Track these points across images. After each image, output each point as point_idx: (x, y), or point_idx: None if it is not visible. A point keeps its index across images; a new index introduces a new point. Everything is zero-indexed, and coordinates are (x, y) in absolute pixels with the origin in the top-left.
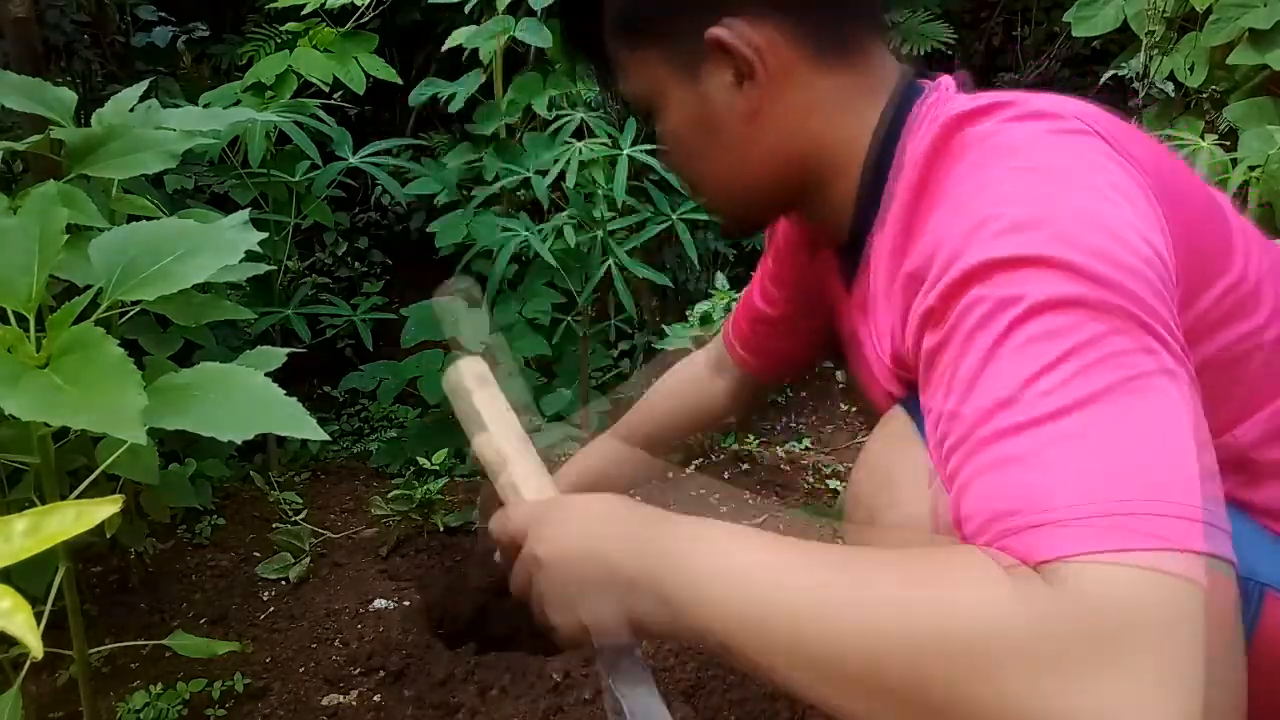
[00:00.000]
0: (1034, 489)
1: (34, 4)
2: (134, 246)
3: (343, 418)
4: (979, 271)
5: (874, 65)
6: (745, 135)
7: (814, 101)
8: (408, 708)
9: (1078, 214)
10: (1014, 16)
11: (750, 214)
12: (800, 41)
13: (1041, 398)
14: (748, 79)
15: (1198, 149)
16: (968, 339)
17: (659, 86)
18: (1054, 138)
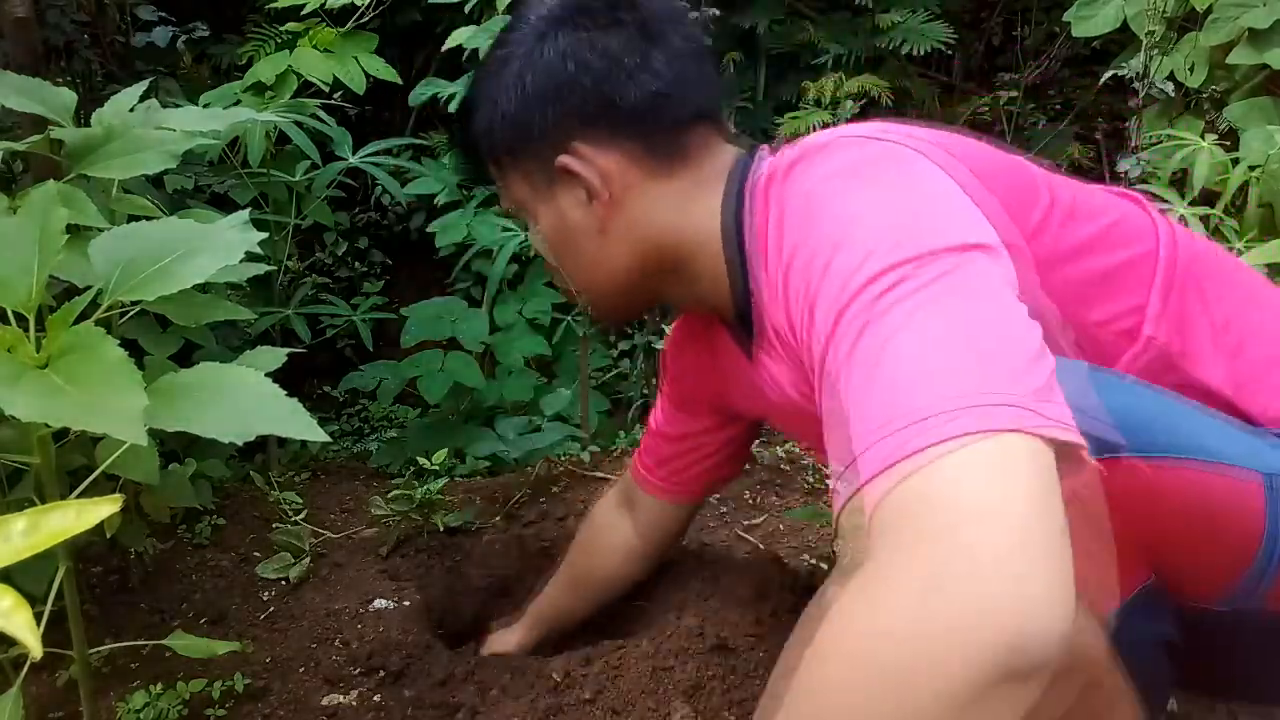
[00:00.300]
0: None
1: (34, 4)
2: (134, 246)
3: (343, 418)
4: (851, 297)
5: (712, 157)
6: (600, 244)
7: (659, 206)
8: (408, 708)
9: (906, 215)
10: (1014, 16)
11: (619, 308)
12: (642, 160)
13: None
14: (595, 198)
15: (1198, 149)
16: (848, 359)
17: (526, 203)
18: (864, 161)
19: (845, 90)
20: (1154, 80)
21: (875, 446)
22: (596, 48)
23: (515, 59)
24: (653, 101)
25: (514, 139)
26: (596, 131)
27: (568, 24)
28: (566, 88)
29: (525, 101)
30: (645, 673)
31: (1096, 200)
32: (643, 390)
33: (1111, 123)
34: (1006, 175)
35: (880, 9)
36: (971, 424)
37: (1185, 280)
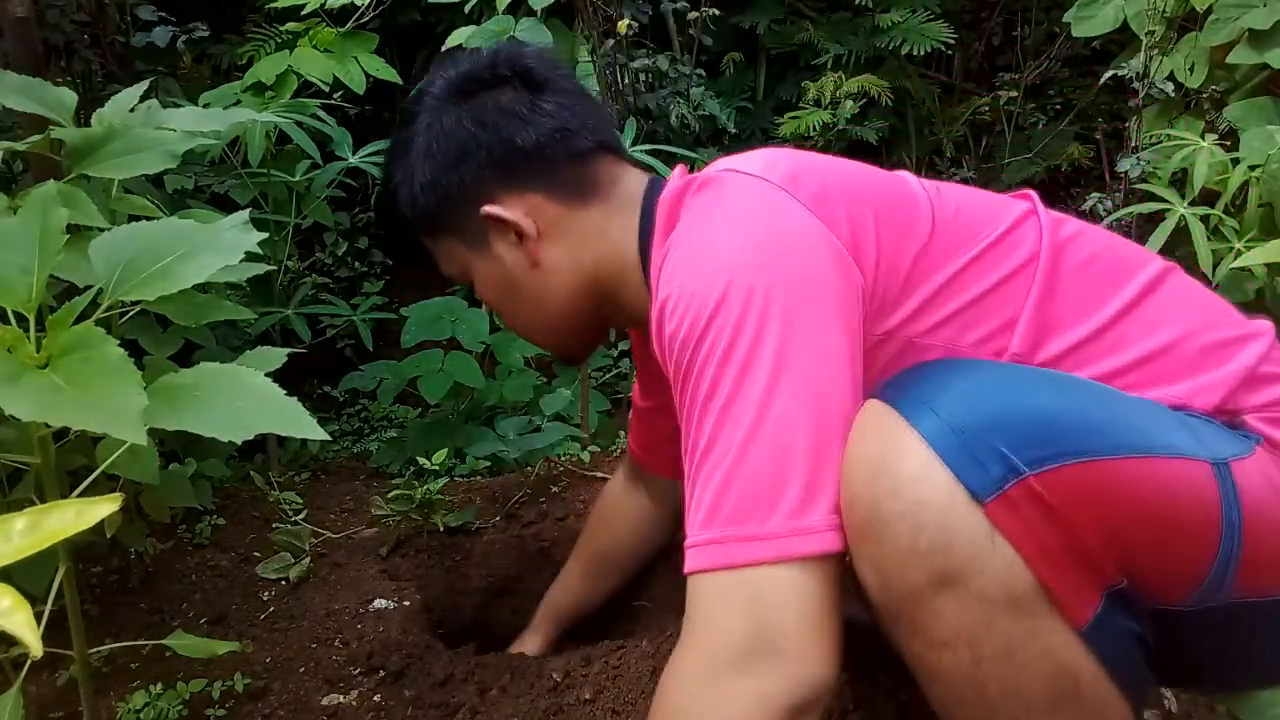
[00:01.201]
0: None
1: (34, 4)
2: (134, 246)
3: (343, 418)
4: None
5: (620, 182)
6: (539, 280)
7: (583, 235)
8: (408, 708)
9: (745, 252)
10: (1014, 16)
11: (573, 342)
12: (556, 194)
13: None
14: (525, 237)
15: (1198, 149)
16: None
17: (465, 263)
18: (727, 201)
19: (845, 90)
20: (1154, 80)
21: (696, 544)
22: (489, 106)
23: (419, 136)
24: (551, 139)
25: (438, 205)
26: (510, 178)
27: (459, 95)
28: (472, 144)
29: (438, 168)
30: (645, 673)
31: (983, 214)
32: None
33: (1111, 123)
34: (887, 205)
35: (880, 9)
36: (775, 549)
37: (1057, 284)
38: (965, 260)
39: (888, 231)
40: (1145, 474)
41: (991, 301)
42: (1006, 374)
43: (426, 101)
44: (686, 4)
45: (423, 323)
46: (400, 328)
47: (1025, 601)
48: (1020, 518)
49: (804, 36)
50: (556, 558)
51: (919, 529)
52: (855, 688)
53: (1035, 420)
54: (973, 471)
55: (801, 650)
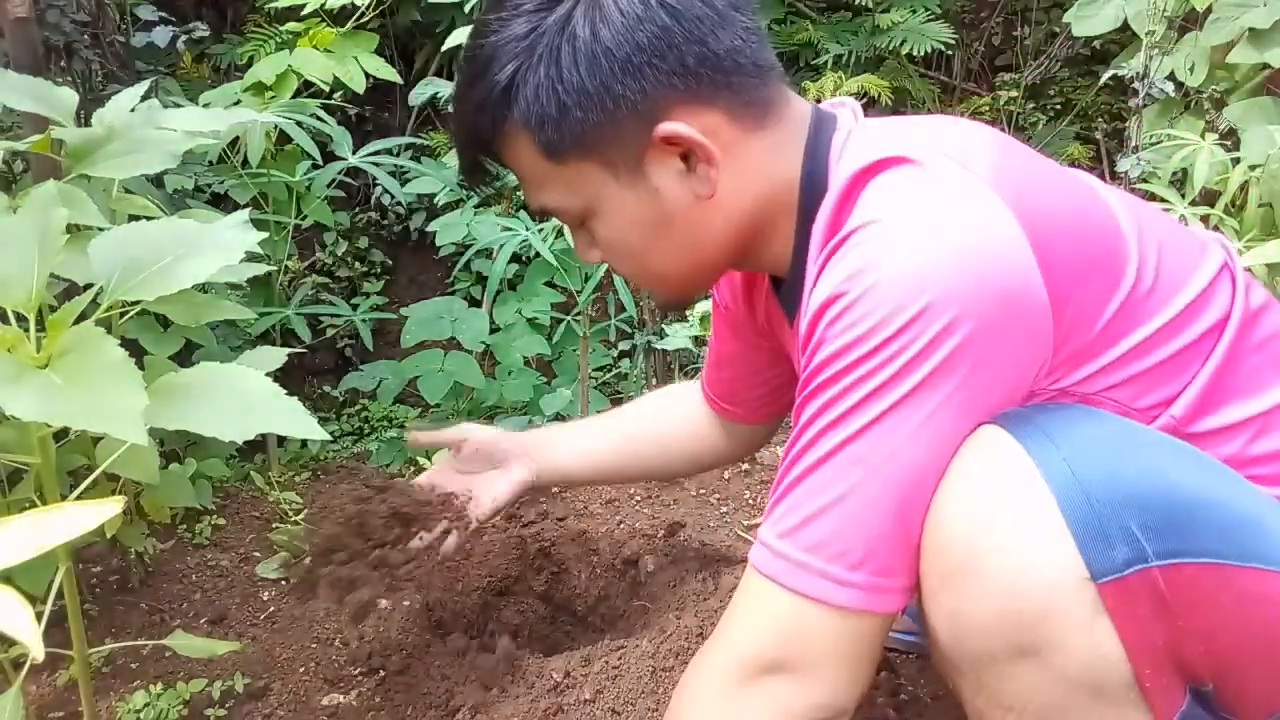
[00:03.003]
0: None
1: (34, 4)
2: (134, 246)
3: (343, 418)
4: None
5: (791, 113)
6: (701, 215)
7: (756, 164)
8: (408, 708)
9: (953, 278)
10: (1014, 16)
11: (700, 286)
12: (735, 116)
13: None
14: (701, 163)
15: (1198, 149)
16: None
17: (597, 194)
18: (939, 202)
19: (845, 90)
20: (1154, 80)
21: (772, 549)
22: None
23: (572, 24)
24: (745, 45)
25: (597, 120)
26: (697, 87)
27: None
28: (663, 43)
29: (611, 71)
30: (645, 673)
31: (1184, 264)
32: (643, 390)
33: (1111, 123)
34: (1095, 244)
35: (880, 9)
36: (837, 595)
37: (1239, 359)
38: (1166, 320)
39: (1095, 280)
40: (1265, 589)
41: (1174, 364)
42: (1146, 437)
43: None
44: None
45: (423, 323)
46: (400, 328)
47: (1111, 692)
48: (1132, 606)
49: (804, 36)
50: (556, 558)
51: (1017, 596)
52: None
53: (1175, 504)
54: (1098, 548)
55: (825, 676)
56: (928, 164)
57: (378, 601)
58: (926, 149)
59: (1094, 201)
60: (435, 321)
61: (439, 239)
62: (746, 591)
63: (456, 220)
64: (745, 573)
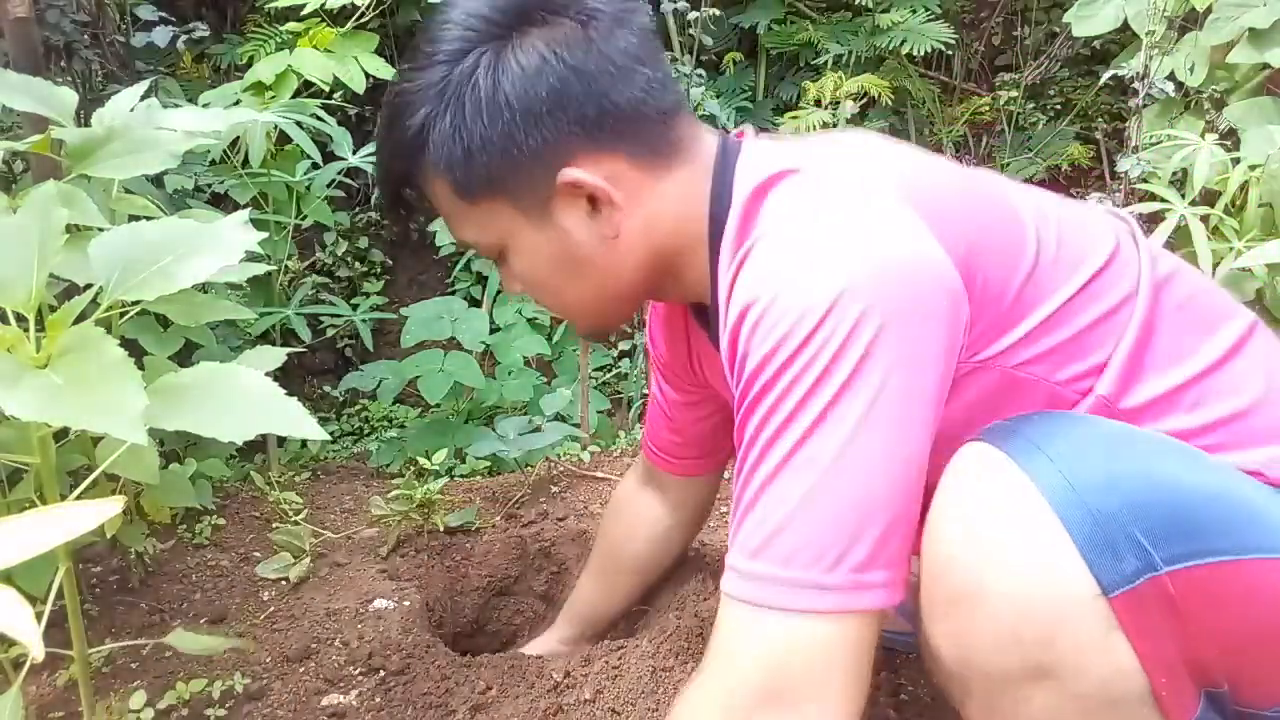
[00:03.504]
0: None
1: (34, 4)
2: (134, 246)
3: (343, 418)
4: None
5: (697, 147)
6: (610, 254)
7: (663, 202)
8: (408, 708)
9: (859, 266)
10: (1014, 16)
11: (617, 317)
12: (639, 161)
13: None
14: (606, 205)
15: (1198, 149)
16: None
17: (509, 233)
18: (834, 201)
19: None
20: (1154, 80)
21: (743, 573)
22: (578, 46)
23: (480, 74)
24: (645, 94)
25: (499, 166)
26: (597, 136)
27: (520, 27)
28: (561, 95)
29: (510, 120)
30: (645, 673)
31: (1082, 239)
32: (642, 390)
33: (1111, 123)
34: (995, 221)
35: (880, 9)
36: (820, 601)
37: (1155, 326)
38: (1073, 291)
39: (997, 253)
40: (1271, 579)
41: (1091, 337)
42: (1130, 438)
43: (475, 25)
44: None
45: (423, 323)
46: (400, 328)
47: (1127, 705)
48: (1145, 616)
49: (804, 36)
50: (556, 558)
51: (1027, 617)
52: None
53: (1174, 506)
54: (1106, 561)
55: (818, 697)
56: (816, 171)
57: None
58: (813, 157)
59: (983, 183)
60: (435, 321)
61: (439, 239)
62: (726, 623)
63: None
64: (721, 604)
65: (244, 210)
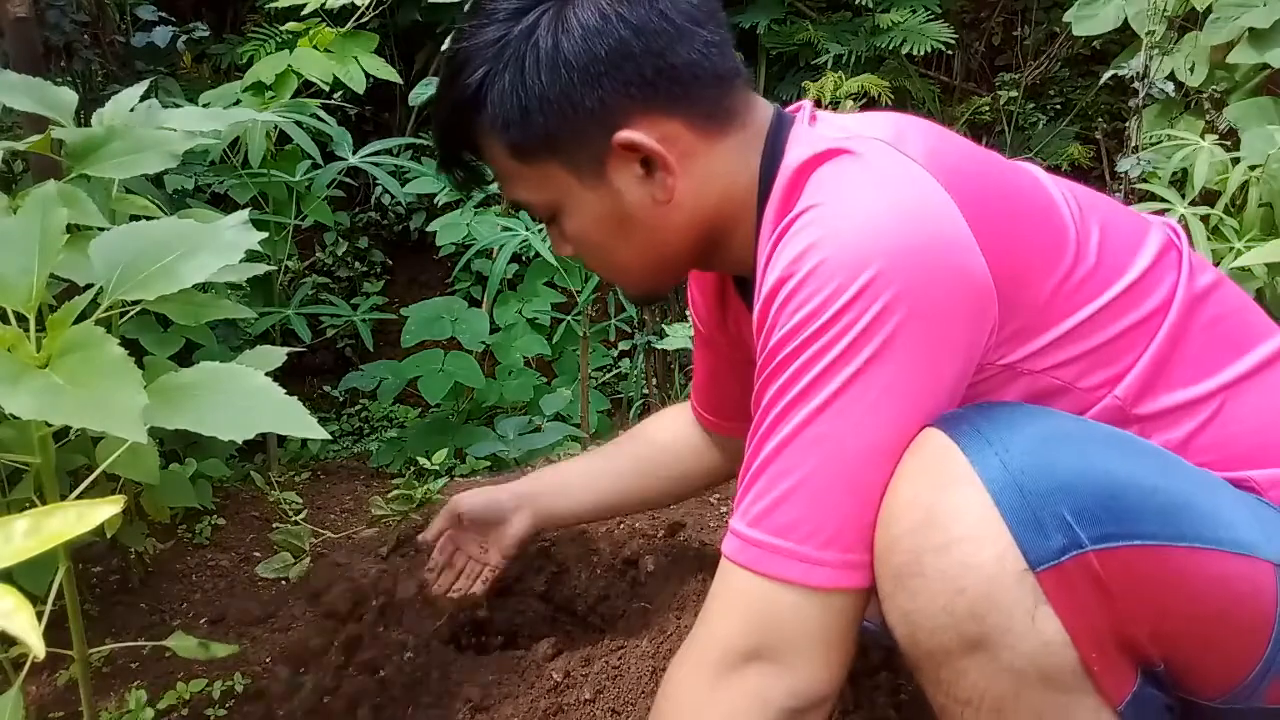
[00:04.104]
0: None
1: (34, 4)
2: (134, 246)
3: (343, 418)
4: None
5: (751, 116)
6: (661, 217)
7: (716, 168)
8: (408, 708)
9: (895, 254)
10: (1014, 16)
11: (666, 282)
12: (695, 125)
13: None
14: (659, 169)
15: (1198, 149)
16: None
17: (563, 193)
18: (878, 184)
19: (845, 90)
20: (1154, 80)
21: (743, 537)
22: (640, 5)
23: (536, 34)
24: (705, 59)
25: (557, 125)
26: (654, 98)
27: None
28: (619, 55)
29: (570, 79)
30: (645, 673)
31: (1126, 244)
32: (643, 390)
33: (1111, 123)
34: (1034, 223)
35: (880, 9)
36: (811, 575)
37: (1182, 340)
38: (1108, 299)
39: (1034, 255)
40: (1205, 568)
41: (1119, 344)
42: (1081, 429)
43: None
44: None
45: (423, 323)
46: (400, 328)
47: (1060, 678)
48: (1072, 592)
49: (804, 36)
50: (556, 558)
51: (959, 591)
52: (855, 688)
53: (1106, 491)
54: (1034, 538)
55: (800, 661)
56: (865, 152)
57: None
58: (864, 139)
59: (1029, 183)
60: (435, 321)
61: (439, 239)
62: (722, 582)
63: (456, 220)
64: (720, 566)
65: (244, 210)
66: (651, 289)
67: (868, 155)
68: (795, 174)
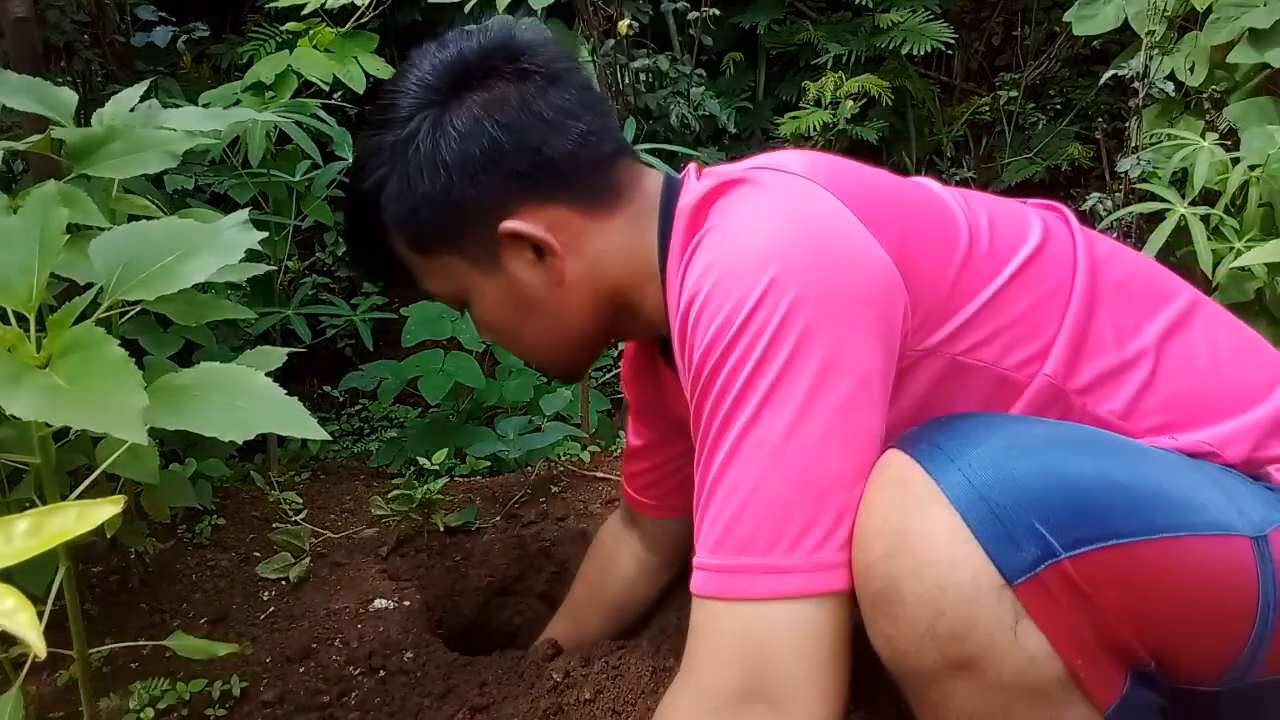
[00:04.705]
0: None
1: (34, 4)
2: (134, 246)
3: (343, 418)
4: (717, 336)
5: (641, 188)
6: (560, 298)
7: (607, 245)
8: (408, 708)
9: (790, 252)
10: (1014, 16)
11: (578, 360)
12: (580, 208)
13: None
14: (547, 254)
15: (1198, 149)
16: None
17: (464, 283)
18: (767, 198)
19: (845, 90)
20: (1154, 80)
21: (707, 568)
22: (510, 104)
23: (421, 136)
24: (581, 145)
25: (445, 220)
26: (535, 188)
27: (458, 92)
28: (494, 153)
29: (450, 179)
30: (645, 673)
31: (1014, 228)
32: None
33: (1111, 123)
34: (926, 215)
35: (880, 9)
36: (783, 585)
37: (1095, 306)
38: (1008, 275)
39: (930, 243)
40: (1184, 557)
41: (1032, 319)
42: (1041, 433)
43: (418, 93)
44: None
45: (423, 322)
46: (400, 328)
47: (1047, 690)
48: (1051, 602)
49: (804, 36)
50: (557, 558)
51: (939, 614)
52: (855, 688)
53: (1074, 495)
54: (1007, 552)
55: (797, 694)
56: (751, 177)
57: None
58: (747, 169)
59: (915, 187)
60: (435, 321)
61: None
62: (697, 620)
63: None
64: (693, 606)
65: (244, 210)
66: (568, 366)
67: (754, 178)
68: (691, 213)
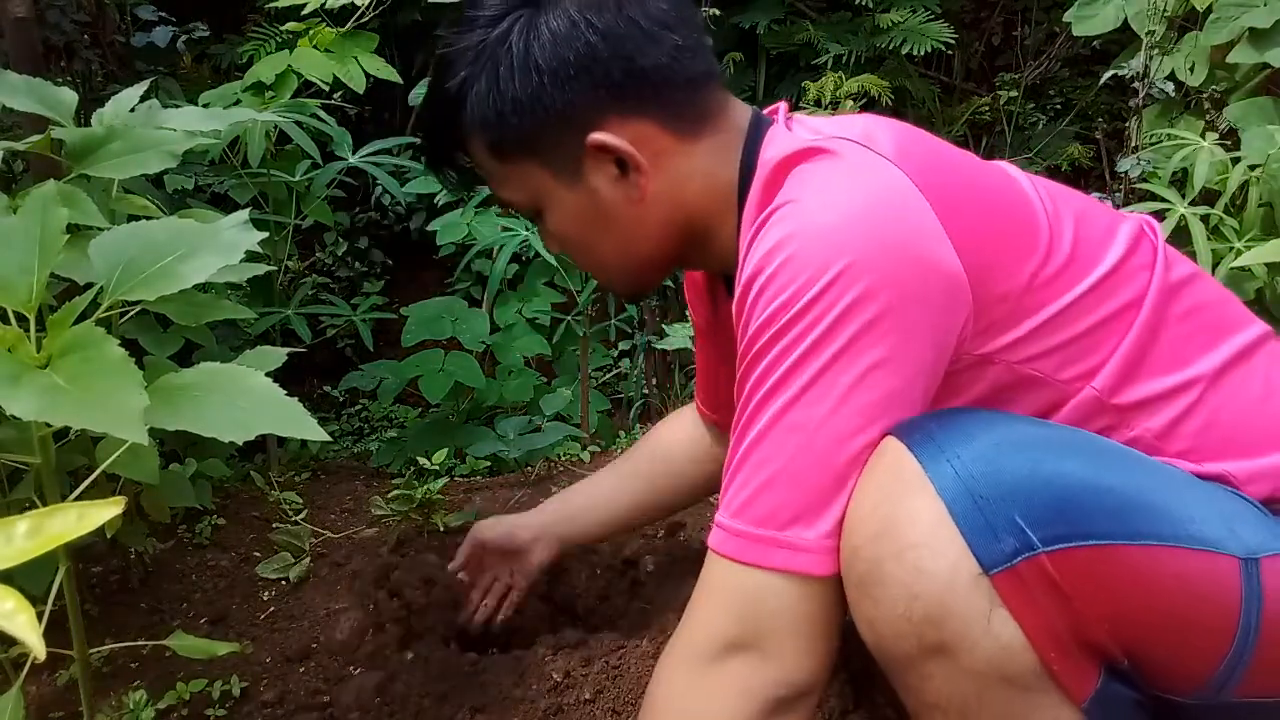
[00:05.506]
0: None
1: (34, 4)
2: (134, 246)
3: (343, 418)
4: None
5: (728, 117)
6: (636, 216)
7: (689, 169)
8: (408, 708)
9: (866, 245)
10: (1014, 16)
11: (646, 280)
12: (667, 126)
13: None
14: (631, 169)
15: (1198, 149)
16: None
17: (542, 192)
18: (850, 181)
19: (845, 90)
20: (1154, 80)
21: (726, 529)
22: (608, 10)
23: (514, 37)
24: (674, 59)
25: (531, 126)
26: (624, 100)
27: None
28: (588, 59)
29: (541, 83)
30: (645, 673)
31: (1099, 237)
32: (643, 390)
33: (1111, 123)
34: (1007, 217)
35: (880, 9)
36: (793, 561)
37: (1159, 330)
38: (1082, 290)
39: (1008, 247)
40: (1162, 566)
41: (1095, 336)
42: (1038, 433)
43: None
44: None
45: (423, 322)
46: (400, 328)
47: (1022, 679)
48: (1026, 594)
49: (804, 36)
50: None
51: (915, 597)
52: (855, 687)
53: (1057, 494)
54: (986, 542)
55: (784, 649)
56: (839, 150)
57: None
58: (837, 139)
59: (1000, 179)
60: (435, 321)
61: (439, 239)
62: (707, 574)
63: (456, 220)
64: (706, 559)
65: (244, 210)
66: (636, 286)
67: (842, 153)
68: (773, 171)
